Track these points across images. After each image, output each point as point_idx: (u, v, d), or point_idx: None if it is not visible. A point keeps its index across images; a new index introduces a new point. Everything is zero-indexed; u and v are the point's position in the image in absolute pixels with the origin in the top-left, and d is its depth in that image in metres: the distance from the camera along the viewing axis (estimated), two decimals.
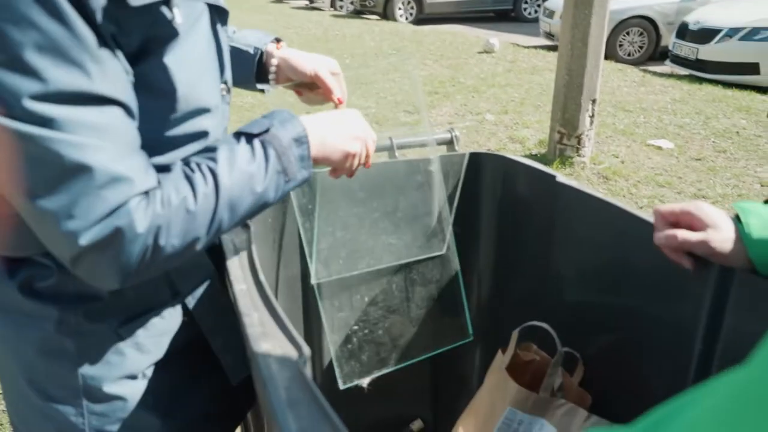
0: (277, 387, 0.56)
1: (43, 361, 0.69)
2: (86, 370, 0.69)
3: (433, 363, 1.37)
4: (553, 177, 1.09)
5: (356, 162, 0.80)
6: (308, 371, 0.58)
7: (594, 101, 3.84)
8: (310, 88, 0.95)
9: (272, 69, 0.93)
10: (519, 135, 4.53)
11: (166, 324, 0.75)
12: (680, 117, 5.04)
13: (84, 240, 0.54)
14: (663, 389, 0.93)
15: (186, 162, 0.63)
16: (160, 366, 0.75)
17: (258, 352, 0.61)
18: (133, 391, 0.73)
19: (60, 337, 0.68)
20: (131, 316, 0.72)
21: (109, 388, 0.71)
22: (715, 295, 0.79)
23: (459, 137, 1.30)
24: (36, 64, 0.51)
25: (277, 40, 0.95)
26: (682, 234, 0.76)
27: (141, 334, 0.72)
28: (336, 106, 0.93)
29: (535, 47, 7.94)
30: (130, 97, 0.58)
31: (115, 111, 0.56)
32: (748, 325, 0.76)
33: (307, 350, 0.60)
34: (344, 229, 1.17)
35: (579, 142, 3.94)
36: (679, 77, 6.44)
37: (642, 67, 6.91)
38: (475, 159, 1.23)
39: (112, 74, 0.56)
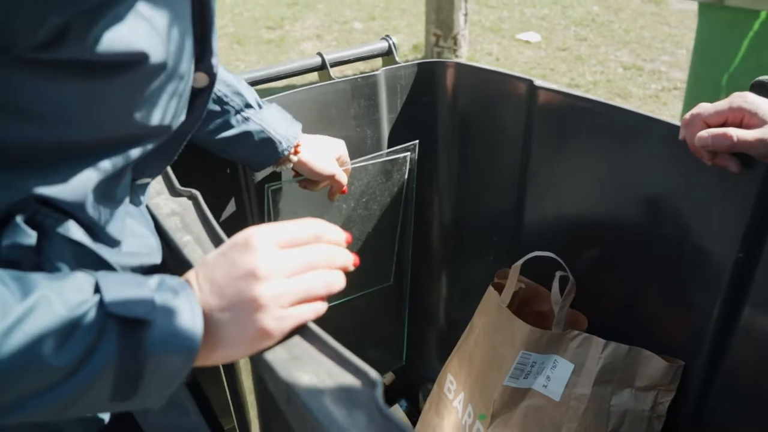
0: None
1: None
2: None
3: (396, 299, 1.23)
4: (530, 81, 0.94)
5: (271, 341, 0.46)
6: (385, 405, 0.40)
7: None
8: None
9: (287, 167, 0.86)
10: None
11: None
12: (540, 8, 5.11)
13: None
14: (674, 306, 0.87)
15: None
16: None
17: (295, 388, 0.41)
18: None
19: None
20: None
21: None
22: (762, 198, 0.71)
23: (397, 45, 1.10)
24: None
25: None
26: (738, 133, 0.65)
27: None
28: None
29: None
30: None
31: None
32: None
33: (374, 374, 0.42)
34: None
35: (455, 43, 3.84)
36: None
37: None
38: (427, 69, 1.04)
39: None
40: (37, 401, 0.38)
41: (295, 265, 0.45)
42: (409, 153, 1.07)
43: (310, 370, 0.43)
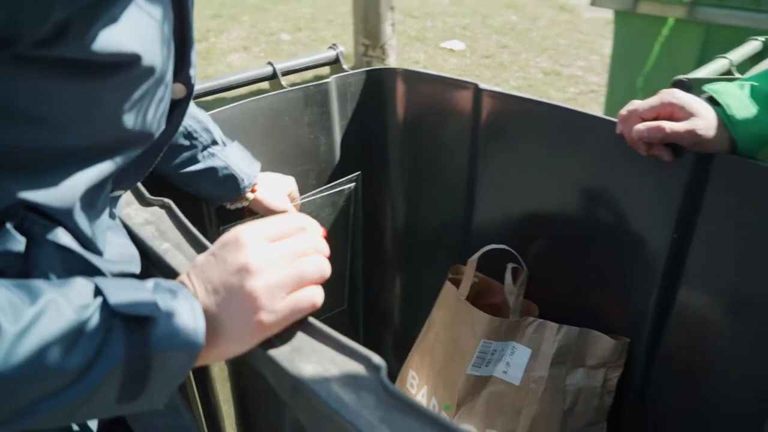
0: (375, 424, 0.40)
1: None
2: None
3: (351, 322, 1.26)
4: (475, 85, 0.99)
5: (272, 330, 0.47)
6: (391, 384, 0.42)
7: (393, 8, 3.80)
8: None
9: (242, 204, 0.88)
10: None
11: None
12: (461, 18, 5.29)
13: None
14: (618, 292, 0.94)
15: None
16: None
17: (301, 378, 0.43)
18: None
19: None
20: None
21: None
22: (691, 184, 0.78)
23: (344, 53, 1.13)
24: None
25: None
26: (669, 125, 0.72)
27: None
28: None
29: None
30: None
31: None
32: (728, 208, 0.76)
33: (377, 358, 0.44)
34: None
35: (384, 52, 3.91)
36: None
37: None
38: (376, 76, 1.08)
39: None
40: (46, 405, 0.38)
41: (285, 255, 0.47)
42: (353, 183, 1.11)
43: (314, 360, 0.45)
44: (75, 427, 0.52)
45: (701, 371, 0.88)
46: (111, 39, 0.40)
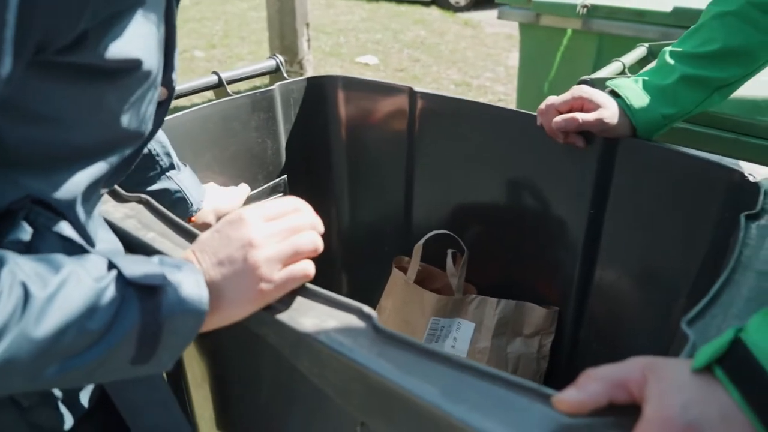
0: (369, 359, 0.47)
1: None
2: None
3: None
4: (409, 88, 1.09)
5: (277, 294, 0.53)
6: (382, 326, 0.50)
7: (308, 25, 3.89)
8: None
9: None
10: None
11: None
12: (373, 34, 5.45)
13: None
14: (550, 267, 1.06)
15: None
16: None
17: (303, 331, 0.50)
18: None
19: None
20: None
21: None
22: (601, 165, 0.91)
23: (284, 63, 1.20)
24: None
25: None
26: (582, 116, 0.85)
27: None
28: None
29: None
30: None
31: None
32: (631, 182, 0.90)
33: (367, 308, 0.52)
34: None
35: (301, 68, 3.99)
36: None
37: None
38: (316, 83, 1.15)
39: None
40: (71, 363, 0.42)
41: (282, 232, 0.54)
42: (281, 188, 1.18)
43: (312, 315, 0.52)
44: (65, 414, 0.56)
45: (618, 335, 1.01)
46: (120, 47, 0.45)
